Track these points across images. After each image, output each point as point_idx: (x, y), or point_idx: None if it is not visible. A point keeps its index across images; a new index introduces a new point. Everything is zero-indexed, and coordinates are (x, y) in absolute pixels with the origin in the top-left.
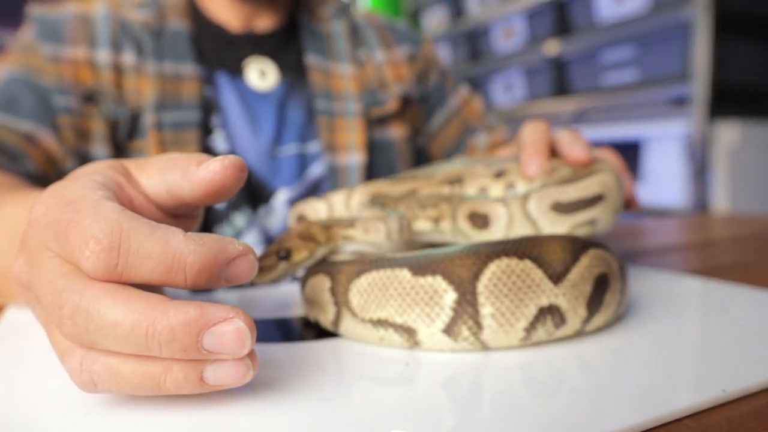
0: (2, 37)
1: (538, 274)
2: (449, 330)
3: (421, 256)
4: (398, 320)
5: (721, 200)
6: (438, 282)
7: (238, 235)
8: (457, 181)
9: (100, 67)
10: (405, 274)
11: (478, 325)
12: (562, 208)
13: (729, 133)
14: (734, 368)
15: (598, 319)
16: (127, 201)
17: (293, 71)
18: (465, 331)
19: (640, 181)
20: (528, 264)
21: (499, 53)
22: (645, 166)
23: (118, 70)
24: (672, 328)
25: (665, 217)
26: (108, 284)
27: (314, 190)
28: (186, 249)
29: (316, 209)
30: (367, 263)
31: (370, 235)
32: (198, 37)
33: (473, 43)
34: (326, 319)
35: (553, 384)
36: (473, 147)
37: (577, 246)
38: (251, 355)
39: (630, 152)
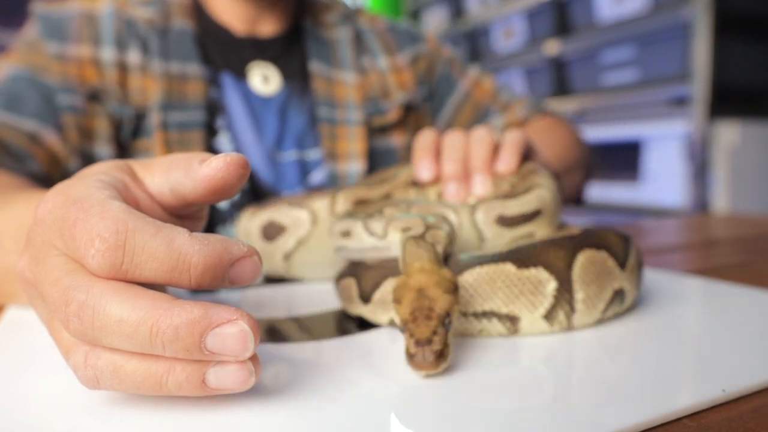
0: (2, 37)
1: (611, 262)
2: (549, 315)
3: (514, 251)
4: (504, 310)
5: (721, 200)
6: (540, 273)
7: None
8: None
9: (104, 66)
10: (510, 267)
11: (572, 309)
12: (505, 222)
13: (729, 133)
14: (734, 368)
15: (635, 295)
16: (133, 201)
17: (296, 77)
18: (561, 316)
19: (640, 181)
20: (604, 254)
21: (499, 53)
22: (645, 166)
23: (123, 68)
24: (672, 327)
25: (665, 217)
26: (114, 282)
27: None
28: (191, 249)
29: (296, 219)
30: (469, 261)
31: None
32: (202, 38)
33: (473, 43)
34: None
35: (552, 384)
36: None
37: (626, 237)
38: (254, 360)
39: (630, 152)
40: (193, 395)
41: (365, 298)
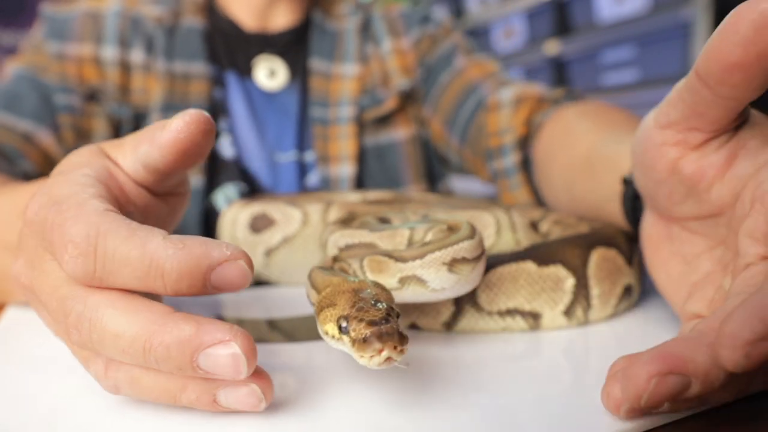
0: (3, 37)
1: (620, 259)
2: (568, 311)
3: (532, 249)
4: (527, 307)
5: None
6: (559, 270)
7: None
8: None
9: (105, 65)
10: (530, 265)
11: (589, 305)
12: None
13: None
14: None
15: (639, 291)
16: (118, 189)
17: (302, 72)
18: (579, 311)
19: None
20: (614, 251)
21: (499, 53)
22: None
23: (125, 67)
24: (673, 327)
25: None
26: (110, 291)
27: None
28: (164, 254)
29: (288, 215)
30: (491, 260)
31: None
32: (211, 36)
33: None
34: (436, 321)
35: (551, 384)
36: (495, 106)
37: (630, 235)
38: (265, 384)
39: None
40: (207, 411)
41: None
